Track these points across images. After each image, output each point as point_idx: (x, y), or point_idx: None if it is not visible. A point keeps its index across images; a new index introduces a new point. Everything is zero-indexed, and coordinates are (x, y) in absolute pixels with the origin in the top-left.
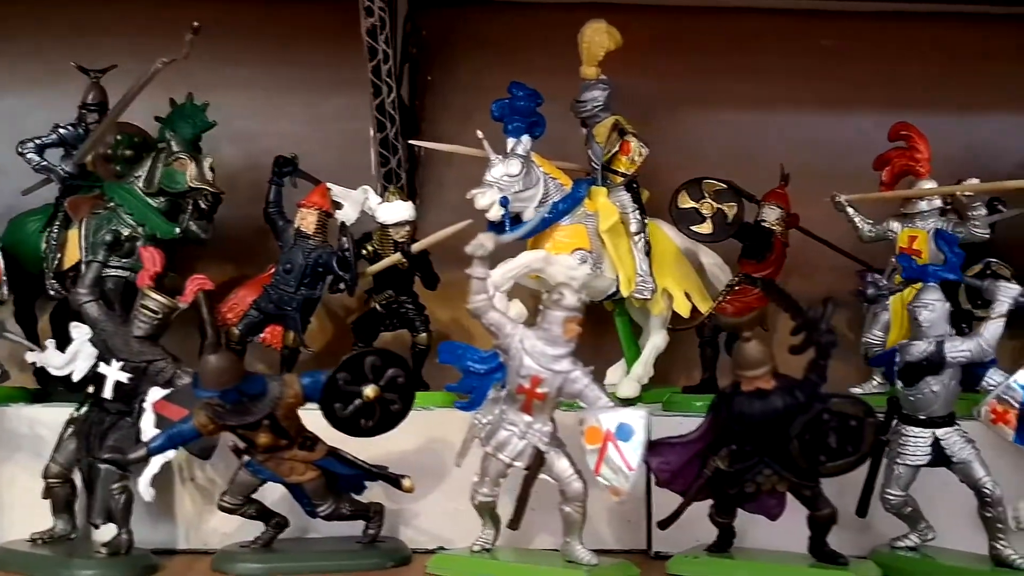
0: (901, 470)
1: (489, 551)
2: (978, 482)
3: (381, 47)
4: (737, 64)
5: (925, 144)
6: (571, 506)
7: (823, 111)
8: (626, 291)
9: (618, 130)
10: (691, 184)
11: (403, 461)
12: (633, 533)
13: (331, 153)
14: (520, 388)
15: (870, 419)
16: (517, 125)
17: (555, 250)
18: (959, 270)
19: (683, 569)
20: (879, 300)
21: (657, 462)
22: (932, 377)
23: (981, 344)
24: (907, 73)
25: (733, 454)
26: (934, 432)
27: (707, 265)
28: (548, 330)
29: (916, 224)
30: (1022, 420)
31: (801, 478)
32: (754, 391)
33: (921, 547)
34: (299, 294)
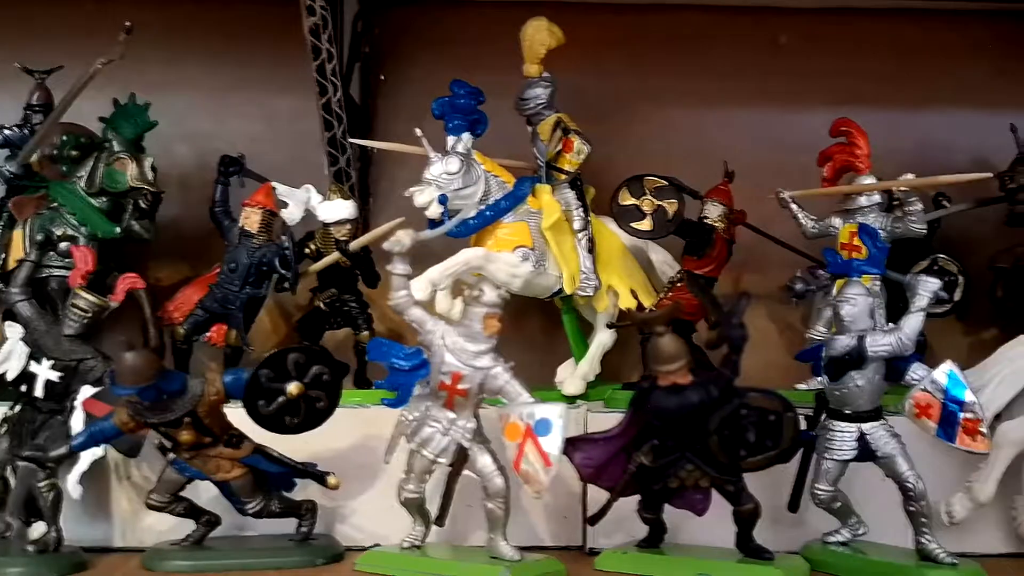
0: (829, 465)
1: (419, 548)
2: (901, 476)
3: (324, 46)
4: (688, 61)
5: (865, 140)
6: (493, 502)
7: (774, 108)
8: (569, 288)
9: (561, 128)
10: (632, 181)
11: (341, 458)
12: (569, 529)
13: (284, 152)
14: (442, 384)
15: (788, 413)
16: (457, 123)
17: (497, 247)
18: (882, 264)
19: (611, 565)
20: (807, 295)
21: (580, 458)
22: (856, 372)
23: (901, 338)
24: (859, 69)
25: (655, 449)
26: (860, 427)
27: (656, 262)
28: (469, 326)
29: (856, 219)
30: (945, 414)
31: (723, 473)
32: (670, 386)
33: (852, 542)
34: (244, 293)
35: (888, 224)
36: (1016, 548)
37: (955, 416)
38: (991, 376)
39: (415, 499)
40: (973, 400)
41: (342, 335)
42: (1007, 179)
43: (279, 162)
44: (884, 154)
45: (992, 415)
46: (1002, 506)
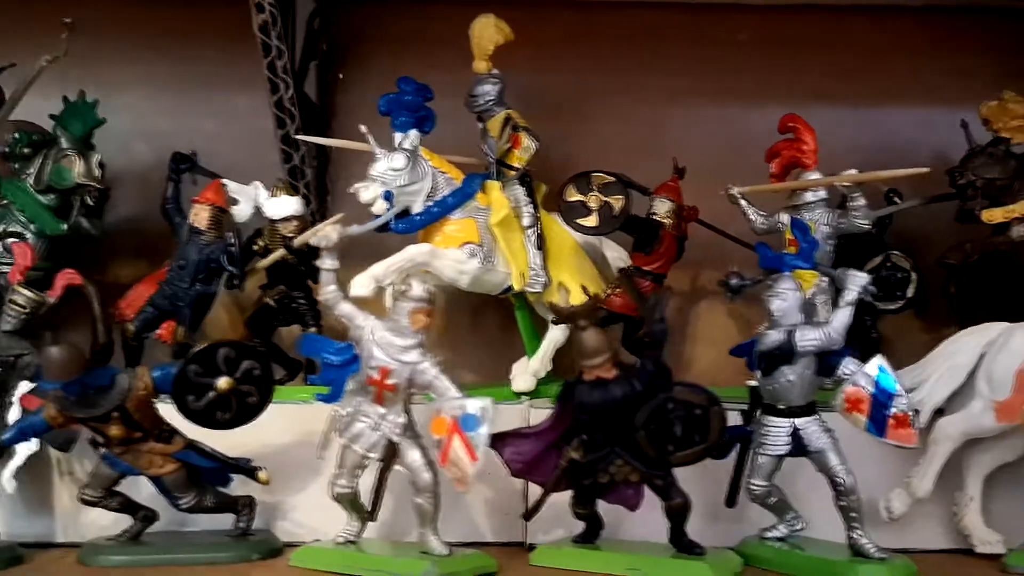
0: (763, 460)
1: (354, 543)
2: (832, 471)
3: (275, 43)
4: (647, 58)
5: (812, 136)
6: (422, 497)
7: (734, 105)
8: (518, 285)
9: (511, 125)
10: (579, 177)
11: (284, 454)
12: (510, 525)
13: (242, 150)
14: (371, 379)
15: (715, 408)
16: (404, 120)
17: (444, 244)
18: (812, 258)
19: (545, 560)
20: (742, 291)
21: (509, 453)
22: (787, 366)
23: (829, 333)
24: (818, 66)
25: (585, 444)
26: (793, 422)
27: (611, 259)
28: (397, 321)
29: (803, 215)
30: (875, 408)
31: (652, 468)
32: (595, 380)
33: (790, 537)
34: (193, 290)
35: (834, 220)
36: (956, 544)
37: (885, 410)
38: (930, 372)
39: (347, 494)
40: (902, 394)
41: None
42: (957, 175)
43: (237, 160)
44: (844, 152)
45: (931, 410)
46: (944, 502)
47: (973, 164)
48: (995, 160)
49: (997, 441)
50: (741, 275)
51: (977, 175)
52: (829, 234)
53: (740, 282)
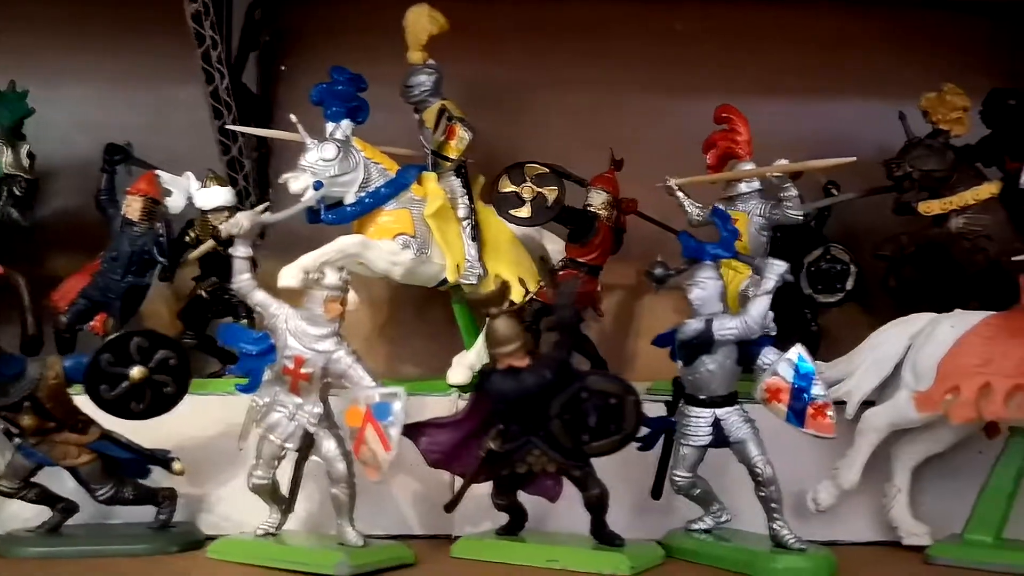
0: (686, 451)
1: (274, 535)
2: (751, 461)
3: (208, 33)
4: (588, 49)
5: (746, 126)
6: (338, 488)
7: (674, 96)
8: (452, 277)
9: (446, 115)
10: (513, 168)
11: (208, 446)
12: (437, 518)
13: (183, 141)
14: (286, 369)
15: (630, 397)
16: (336, 110)
17: (377, 235)
18: (733, 247)
19: (466, 552)
20: (666, 281)
21: (425, 443)
22: (707, 356)
23: (747, 322)
24: (759, 58)
25: (502, 434)
26: (715, 412)
27: (552, 252)
28: (310, 310)
29: (737, 207)
30: (794, 399)
31: (568, 458)
32: (507, 369)
33: (715, 529)
34: (125, 282)
35: (767, 211)
36: (886, 536)
37: (803, 400)
38: (858, 363)
39: (264, 485)
40: (820, 384)
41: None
42: (894, 167)
43: (177, 151)
44: (787, 144)
45: (859, 401)
46: (874, 493)
47: (910, 156)
48: (933, 152)
49: (924, 433)
50: (666, 265)
51: (914, 167)
52: (763, 225)
53: (664, 272)
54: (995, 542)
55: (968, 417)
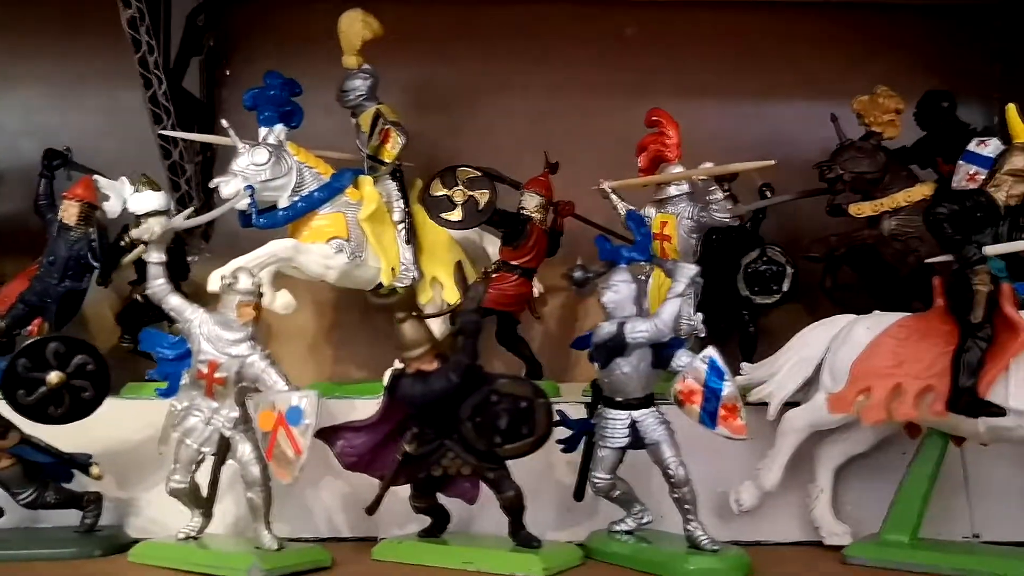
0: (604, 453)
1: (196, 539)
2: (664, 463)
3: (144, 38)
4: (535, 53)
5: (675, 130)
6: (252, 491)
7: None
8: (387, 280)
9: (381, 120)
10: (446, 172)
11: (136, 450)
12: (366, 520)
13: (128, 146)
14: (200, 373)
15: (540, 400)
16: (269, 115)
17: (310, 239)
18: (647, 250)
19: (385, 554)
20: (586, 284)
21: (341, 446)
22: (622, 359)
23: (657, 324)
24: (706, 61)
25: (417, 437)
26: (631, 414)
27: (492, 254)
28: (224, 314)
29: (667, 209)
30: (706, 400)
31: (482, 461)
32: (416, 373)
33: (637, 531)
34: (62, 286)
35: (696, 214)
36: (809, 536)
37: (715, 402)
38: (781, 364)
39: (182, 489)
40: (731, 385)
41: None
42: (825, 169)
43: (124, 156)
44: (731, 146)
45: (780, 403)
46: (800, 494)
47: (842, 158)
48: (864, 154)
49: (846, 433)
50: (585, 268)
51: (845, 169)
52: (692, 228)
53: (584, 275)
54: (911, 542)
55: (879, 418)
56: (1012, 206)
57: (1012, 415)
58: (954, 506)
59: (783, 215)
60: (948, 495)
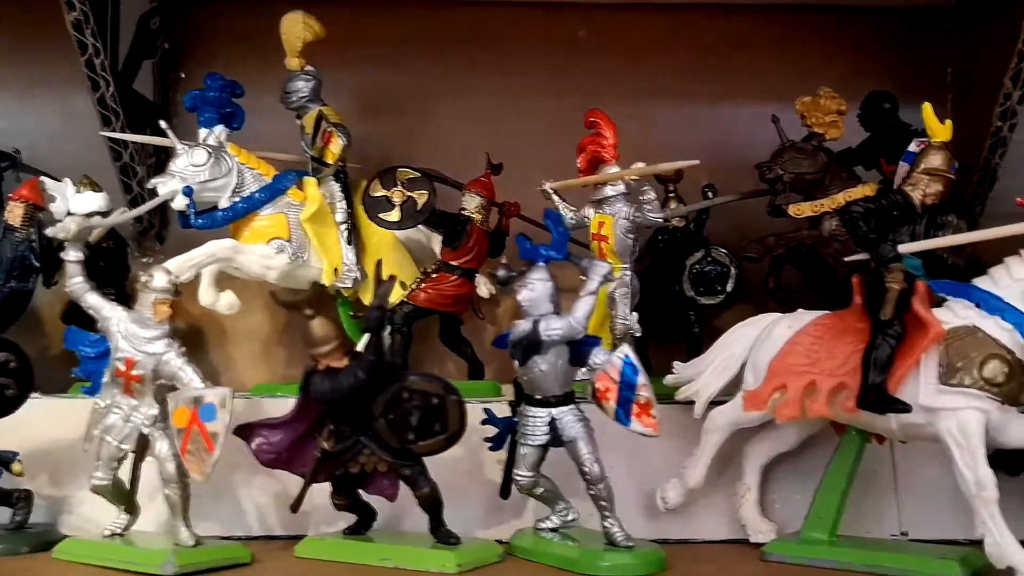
0: (526, 451)
1: (121, 535)
2: (579, 460)
3: (90, 41)
4: (488, 56)
5: (612, 130)
6: (169, 488)
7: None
8: (328, 281)
9: (324, 122)
10: (385, 173)
11: (72, 448)
12: (299, 519)
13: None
14: (118, 371)
15: (452, 396)
16: (209, 116)
17: (251, 239)
18: (564, 248)
19: (308, 552)
20: (510, 283)
21: (258, 443)
22: (539, 356)
23: (571, 322)
24: (659, 64)
25: (334, 434)
26: (550, 412)
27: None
28: (140, 312)
29: (604, 210)
30: (621, 397)
31: (397, 457)
32: (325, 370)
33: (562, 528)
34: (8, 287)
35: (631, 214)
36: (738, 534)
37: (629, 399)
38: (708, 362)
39: (104, 486)
40: (645, 383)
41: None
42: (765, 169)
43: (78, 159)
44: (685, 148)
45: (706, 401)
46: (729, 492)
47: (782, 159)
48: (805, 155)
49: (772, 431)
50: (509, 267)
51: (785, 169)
52: (628, 228)
53: (507, 274)
54: (830, 539)
55: (793, 415)
56: (929, 205)
57: (922, 412)
58: (883, 505)
59: (730, 216)
60: (877, 494)
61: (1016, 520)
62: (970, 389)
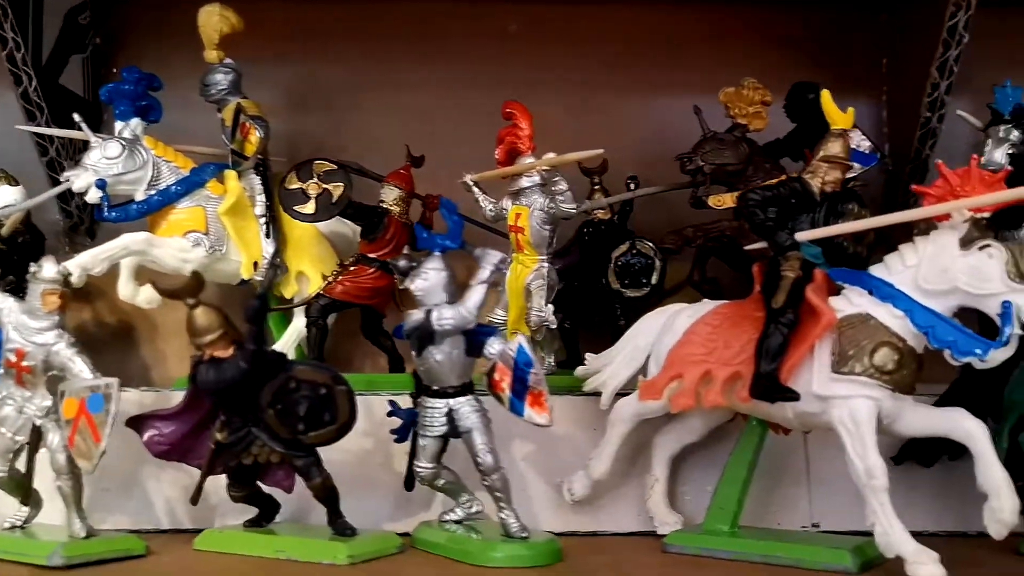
0: (425, 442)
1: (22, 528)
2: (473, 451)
3: (10, 35)
4: (418, 50)
5: (528, 121)
6: (61, 480)
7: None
8: (247, 274)
9: (241, 115)
10: (302, 165)
11: None
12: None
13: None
14: (8, 362)
15: (340, 386)
16: (124, 109)
17: (167, 232)
18: (459, 238)
19: (206, 544)
20: (410, 272)
21: (150, 435)
22: (433, 347)
23: (462, 312)
24: (593, 57)
25: (226, 425)
26: (448, 402)
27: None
28: (30, 303)
29: (521, 201)
30: (515, 387)
31: (289, 448)
32: (211, 359)
33: (466, 520)
34: None
35: (546, 205)
36: (648, 527)
37: (523, 389)
38: (615, 353)
39: (1, 479)
40: (538, 372)
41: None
42: (685, 160)
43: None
44: (618, 140)
45: (612, 392)
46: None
47: (703, 150)
48: (726, 146)
49: (677, 423)
50: (410, 257)
51: (706, 160)
52: (544, 219)
53: (408, 264)
54: (730, 531)
55: (688, 405)
56: (829, 192)
57: (816, 400)
58: (795, 496)
59: (659, 208)
60: (790, 485)
61: (928, 512)
62: (861, 377)
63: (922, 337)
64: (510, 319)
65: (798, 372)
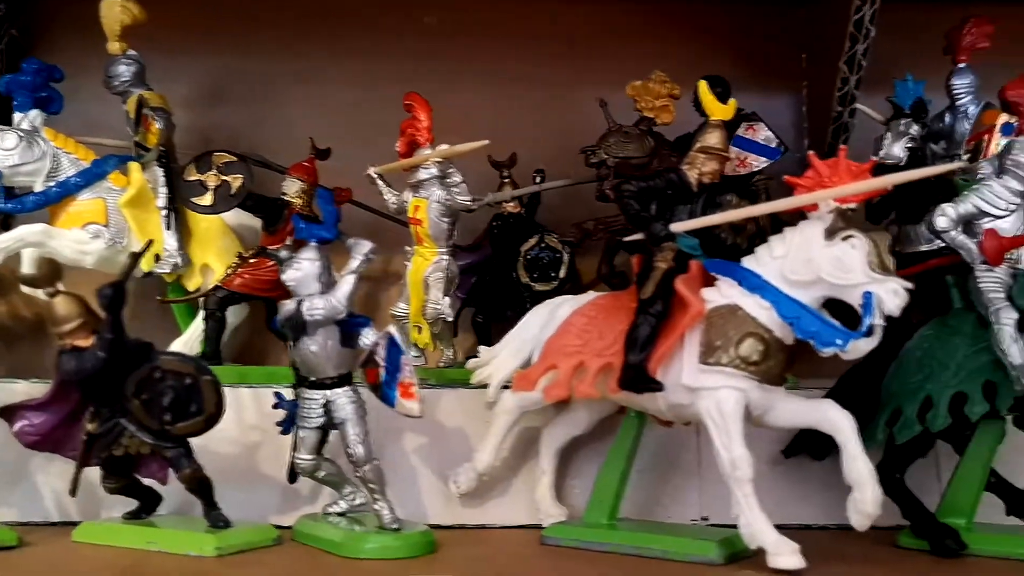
0: (304, 433)
1: None
2: (345, 441)
3: None
4: (340, 43)
5: (427, 113)
6: None
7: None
8: (147, 267)
9: (143, 107)
10: (201, 157)
11: None
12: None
13: None
14: None
15: (205, 377)
16: (22, 100)
17: (66, 224)
18: (334, 229)
19: (84, 536)
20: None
21: (20, 425)
22: (307, 337)
23: (332, 302)
24: (516, 50)
25: (96, 416)
26: (325, 393)
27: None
28: None
29: (420, 193)
30: (386, 378)
31: (158, 439)
32: (72, 349)
33: (350, 512)
34: None
35: (442, 197)
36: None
37: (394, 379)
38: (504, 345)
39: None
40: (408, 364)
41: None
42: (589, 153)
43: None
44: (536, 133)
45: (498, 384)
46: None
47: (607, 143)
48: (631, 139)
49: (563, 415)
50: (291, 247)
51: (610, 153)
52: (441, 211)
53: (289, 255)
54: (608, 523)
55: (561, 396)
56: (707, 183)
57: (685, 391)
58: (686, 489)
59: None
60: (681, 479)
61: (818, 505)
62: (727, 368)
63: (789, 328)
64: (411, 311)
65: (669, 363)
